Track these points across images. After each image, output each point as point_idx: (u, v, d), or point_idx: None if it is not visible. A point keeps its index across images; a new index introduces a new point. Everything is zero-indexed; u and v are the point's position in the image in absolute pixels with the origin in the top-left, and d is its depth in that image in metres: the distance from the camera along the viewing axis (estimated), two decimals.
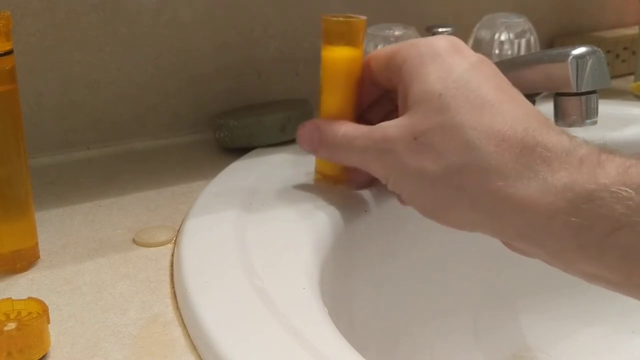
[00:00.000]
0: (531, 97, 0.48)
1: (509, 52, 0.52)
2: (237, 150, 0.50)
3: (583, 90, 0.41)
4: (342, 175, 0.42)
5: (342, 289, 0.37)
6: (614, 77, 0.64)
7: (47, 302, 0.29)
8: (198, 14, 0.54)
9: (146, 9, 0.52)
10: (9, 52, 0.33)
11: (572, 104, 0.42)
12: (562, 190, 0.30)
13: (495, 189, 0.31)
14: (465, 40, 0.54)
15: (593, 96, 0.42)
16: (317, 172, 0.42)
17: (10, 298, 0.29)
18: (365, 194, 0.42)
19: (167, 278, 0.34)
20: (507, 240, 0.33)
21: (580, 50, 0.41)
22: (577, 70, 0.41)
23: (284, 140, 0.51)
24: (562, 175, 0.30)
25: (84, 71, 0.51)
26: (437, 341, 0.47)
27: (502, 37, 0.52)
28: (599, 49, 0.42)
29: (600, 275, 0.31)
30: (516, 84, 0.45)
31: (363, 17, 0.39)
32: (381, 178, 0.36)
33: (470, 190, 0.32)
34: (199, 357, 0.29)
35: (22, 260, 0.35)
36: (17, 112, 0.34)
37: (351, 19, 0.38)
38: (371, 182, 0.41)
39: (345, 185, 0.42)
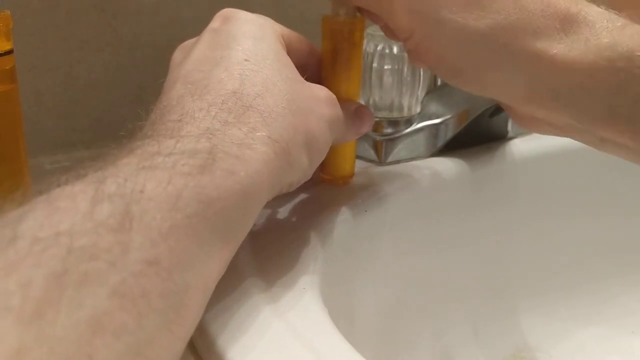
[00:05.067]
0: None
1: None
2: None
3: None
4: (350, 176, 0.42)
5: (342, 289, 0.37)
6: None
7: None
8: (198, 13, 0.54)
9: (146, 8, 0.52)
10: (9, 52, 0.33)
11: None
12: (603, 50, 0.31)
13: (540, 49, 0.32)
14: None
15: None
16: (324, 172, 0.42)
17: None
18: (366, 194, 0.42)
19: None
20: (537, 102, 0.34)
21: None
22: None
23: None
24: (604, 36, 0.31)
25: (84, 71, 0.51)
26: (437, 341, 0.47)
27: None
28: None
29: (620, 142, 0.32)
30: None
31: (363, 17, 0.39)
32: (401, 31, 0.34)
33: (513, 50, 0.32)
34: (199, 357, 0.29)
35: None
36: (17, 112, 0.34)
37: (351, 19, 0.38)
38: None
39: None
